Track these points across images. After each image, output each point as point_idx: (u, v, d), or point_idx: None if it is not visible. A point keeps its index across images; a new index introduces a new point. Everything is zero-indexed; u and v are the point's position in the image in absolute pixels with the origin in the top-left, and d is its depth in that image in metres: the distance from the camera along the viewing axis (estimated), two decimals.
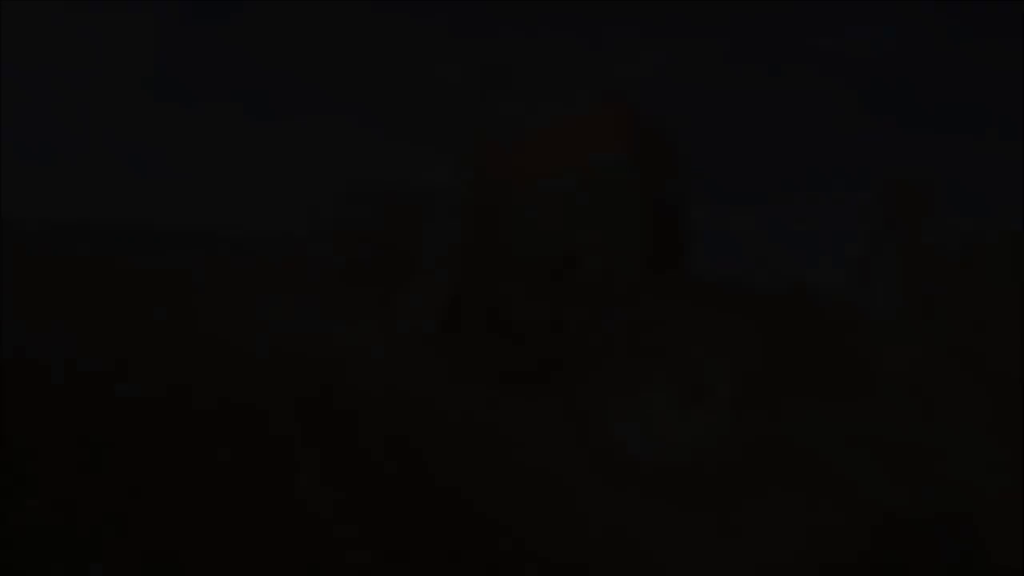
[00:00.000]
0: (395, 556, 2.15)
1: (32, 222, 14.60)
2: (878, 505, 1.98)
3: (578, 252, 4.47)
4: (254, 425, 3.66)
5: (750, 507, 2.56)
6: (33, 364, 4.59)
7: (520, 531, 2.44)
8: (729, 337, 2.74)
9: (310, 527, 2.31)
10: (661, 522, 2.68)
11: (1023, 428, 2.15)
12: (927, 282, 3.49)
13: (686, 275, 3.33)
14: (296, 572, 2.01)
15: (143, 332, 6.84)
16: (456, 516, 2.57)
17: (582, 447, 3.34)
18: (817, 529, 2.23)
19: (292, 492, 2.64)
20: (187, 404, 3.95)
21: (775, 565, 2.21)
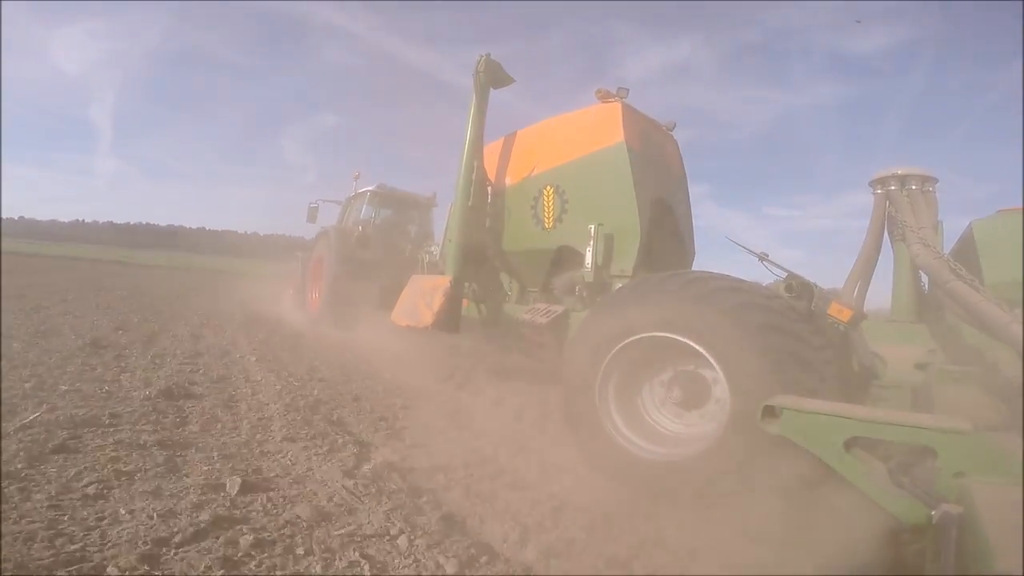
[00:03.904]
0: None
1: None
2: (877, 506, 1.97)
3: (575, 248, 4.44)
4: None
5: (748, 507, 2.55)
6: None
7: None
8: (728, 336, 2.72)
9: None
10: (661, 521, 2.67)
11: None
12: (927, 282, 3.49)
13: (685, 274, 3.32)
14: None
15: None
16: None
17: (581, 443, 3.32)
18: (815, 530, 2.23)
19: None
20: None
21: (774, 565, 2.20)
